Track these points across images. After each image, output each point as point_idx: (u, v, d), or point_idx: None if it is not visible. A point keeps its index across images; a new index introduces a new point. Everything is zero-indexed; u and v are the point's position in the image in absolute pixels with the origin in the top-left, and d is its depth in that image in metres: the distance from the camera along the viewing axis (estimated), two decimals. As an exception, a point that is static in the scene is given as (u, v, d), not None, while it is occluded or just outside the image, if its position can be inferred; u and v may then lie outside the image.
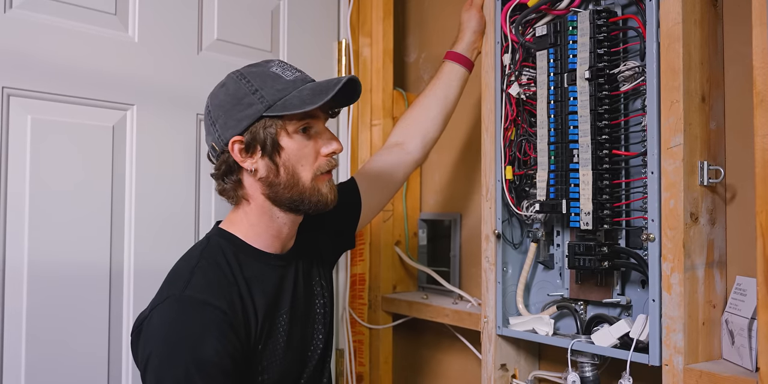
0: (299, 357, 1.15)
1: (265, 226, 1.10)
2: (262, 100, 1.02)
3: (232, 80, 1.06)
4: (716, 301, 1.11)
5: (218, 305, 0.99)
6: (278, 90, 1.03)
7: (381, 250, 1.75)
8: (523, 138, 1.35)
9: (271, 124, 1.03)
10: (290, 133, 1.04)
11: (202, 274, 1.03)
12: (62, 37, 1.22)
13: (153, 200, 1.32)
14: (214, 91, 1.09)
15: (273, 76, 1.05)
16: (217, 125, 1.06)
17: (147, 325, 0.99)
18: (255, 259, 1.09)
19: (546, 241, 1.36)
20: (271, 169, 1.05)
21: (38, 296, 1.17)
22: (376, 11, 1.78)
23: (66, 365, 1.20)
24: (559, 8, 1.30)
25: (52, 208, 1.19)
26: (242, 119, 1.03)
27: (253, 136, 1.03)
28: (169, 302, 0.99)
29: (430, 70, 1.84)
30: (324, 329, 1.19)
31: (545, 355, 1.44)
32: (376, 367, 1.74)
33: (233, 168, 1.07)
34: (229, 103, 1.04)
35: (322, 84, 1.05)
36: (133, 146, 1.30)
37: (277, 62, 1.08)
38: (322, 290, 1.21)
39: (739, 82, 1.15)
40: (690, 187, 1.07)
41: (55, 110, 1.20)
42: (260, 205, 1.08)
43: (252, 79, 1.04)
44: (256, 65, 1.08)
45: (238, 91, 1.04)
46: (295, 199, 1.07)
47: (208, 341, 0.96)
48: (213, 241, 1.09)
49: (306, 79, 1.07)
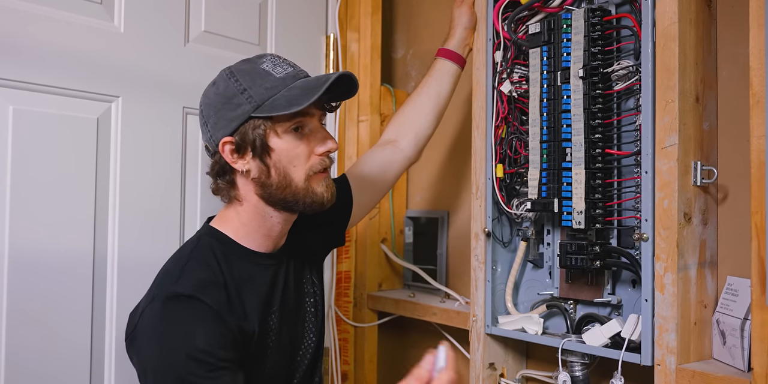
0: (289, 357, 1.13)
1: (257, 226, 1.08)
2: (250, 100, 1.00)
3: (222, 79, 1.04)
4: (707, 301, 1.12)
5: (205, 300, 0.98)
6: (267, 88, 1.01)
7: (367, 247, 1.74)
8: (514, 136, 1.34)
9: (260, 125, 1.00)
10: (280, 134, 1.02)
11: (190, 272, 1.01)
12: (46, 26, 1.18)
13: (138, 193, 1.29)
14: (206, 90, 1.06)
15: (263, 73, 1.02)
16: (208, 125, 1.04)
17: (139, 328, 0.98)
18: (245, 259, 1.07)
19: (536, 240, 1.36)
20: (263, 170, 1.03)
21: (19, 285, 1.14)
22: (364, 6, 1.76)
23: (48, 353, 1.17)
24: (552, 6, 1.29)
25: (35, 200, 1.16)
26: (232, 120, 1.01)
27: (242, 137, 1.01)
28: (156, 301, 0.98)
29: (417, 67, 1.83)
30: (315, 329, 1.17)
31: (533, 354, 1.44)
32: (360, 365, 1.73)
33: (226, 168, 1.05)
34: (219, 102, 1.02)
35: (311, 82, 1.02)
36: (117, 138, 1.27)
37: (270, 57, 1.05)
38: (312, 289, 1.19)
39: (732, 83, 1.15)
40: (684, 187, 1.07)
41: (38, 101, 1.17)
42: (254, 205, 1.06)
43: (241, 77, 1.02)
44: (247, 61, 1.05)
45: (227, 90, 1.02)
46: (288, 200, 1.05)
47: (199, 333, 0.95)
48: (203, 240, 1.07)
49: (298, 76, 1.04)
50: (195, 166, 1.39)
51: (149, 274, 1.28)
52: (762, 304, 0.94)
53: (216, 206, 1.39)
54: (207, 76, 1.40)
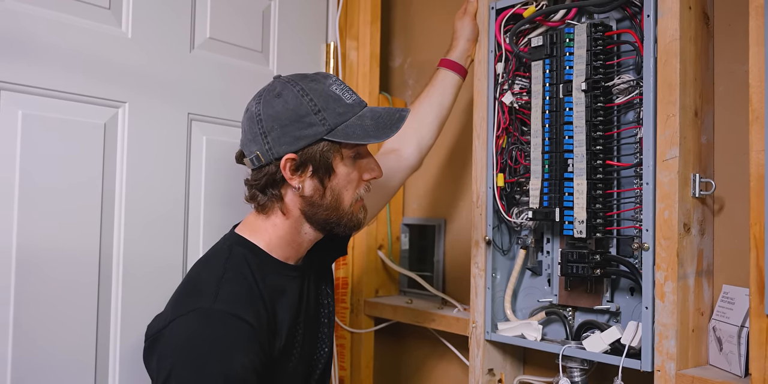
0: (307, 368, 1.15)
1: (291, 239, 1.09)
2: (324, 122, 1.02)
3: (294, 94, 1.03)
4: (704, 308, 1.15)
5: (247, 319, 0.98)
6: (339, 114, 1.03)
7: (364, 254, 1.75)
8: (514, 146, 1.37)
9: (329, 149, 1.03)
10: (344, 159, 1.05)
11: (230, 286, 1.01)
12: (56, 30, 1.18)
13: (143, 197, 1.29)
14: (267, 99, 1.04)
15: (335, 97, 1.04)
16: (269, 137, 1.03)
17: (169, 336, 0.96)
18: (277, 271, 1.08)
19: (535, 248, 1.39)
20: (318, 190, 1.05)
21: (25, 287, 1.15)
22: (364, 15, 1.78)
23: (54, 351, 1.17)
24: (554, 20, 1.32)
25: (43, 204, 1.16)
26: (300, 138, 1.02)
27: (308, 157, 1.02)
28: (197, 314, 0.97)
29: (415, 76, 1.86)
30: (328, 340, 1.19)
31: (530, 359, 1.47)
32: (357, 371, 1.74)
33: (278, 182, 1.05)
34: (288, 118, 1.02)
35: (382, 114, 1.06)
36: (124, 144, 1.27)
37: (335, 80, 1.07)
38: (326, 300, 1.21)
39: (728, 98, 1.20)
40: (683, 198, 1.11)
41: (47, 106, 1.16)
42: (295, 219, 1.08)
43: (315, 97, 1.02)
44: (314, 80, 1.05)
45: (300, 107, 1.02)
46: (331, 221, 1.07)
47: (237, 356, 0.94)
48: (236, 251, 1.07)
49: (362, 103, 1.07)
50: (199, 172, 1.40)
51: (154, 277, 1.31)
52: (760, 312, 0.97)
53: (220, 210, 1.42)
54: (212, 82, 1.43)
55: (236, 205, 1.28)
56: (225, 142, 1.43)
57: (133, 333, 1.25)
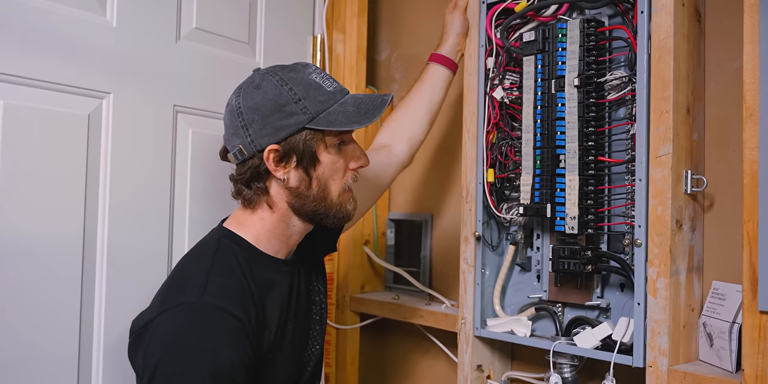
0: (297, 365, 1.13)
1: (280, 233, 1.07)
2: (305, 110, 1.00)
3: (272, 84, 1.01)
4: (694, 304, 1.16)
5: (236, 314, 0.96)
6: (320, 101, 1.01)
7: (350, 249, 1.74)
8: (504, 141, 1.37)
9: (312, 137, 1.01)
10: (328, 147, 1.03)
11: (218, 279, 0.99)
12: (37, 17, 1.14)
13: (127, 189, 1.26)
14: (246, 91, 1.03)
15: (315, 85, 1.02)
16: (250, 130, 1.01)
17: (155, 330, 0.94)
18: (266, 265, 1.06)
19: (524, 244, 1.38)
20: (304, 180, 1.03)
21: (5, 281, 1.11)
22: (351, 7, 1.76)
23: (35, 342, 1.14)
24: (545, 15, 1.32)
25: (25, 196, 1.12)
26: (282, 128, 1.00)
27: (291, 147, 1.01)
28: (185, 308, 0.95)
29: (401, 69, 1.84)
30: (319, 336, 1.17)
31: (517, 355, 1.47)
32: (342, 367, 1.72)
33: (262, 175, 1.04)
34: (268, 108, 1.00)
35: (364, 100, 1.04)
36: (108, 135, 1.23)
37: (315, 68, 1.05)
38: (318, 296, 1.19)
39: (719, 95, 1.20)
40: (676, 195, 1.11)
41: (29, 96, 1.12)
42: (282, 212, 1.06)
43: (294, 86, 1.01)
44: (293, 70, 1.04)
45: (280, 97, 1.00)
46: (319, 213, 1.06)
47: (225, 352, 0.92)
48: (224, 244, 1.05)
49: (343, 91, 1.06)
50: (185, 164, 1.37)
51: (139, 270, 1.27)
52: (753, 309, 0.98)
53: (205, 203, 1.39)
54: (198, 73, 1.40)
55: (222, 197, 1.26)
56: (211, 134, 1.40)
57: (116, 326, 1.22)
